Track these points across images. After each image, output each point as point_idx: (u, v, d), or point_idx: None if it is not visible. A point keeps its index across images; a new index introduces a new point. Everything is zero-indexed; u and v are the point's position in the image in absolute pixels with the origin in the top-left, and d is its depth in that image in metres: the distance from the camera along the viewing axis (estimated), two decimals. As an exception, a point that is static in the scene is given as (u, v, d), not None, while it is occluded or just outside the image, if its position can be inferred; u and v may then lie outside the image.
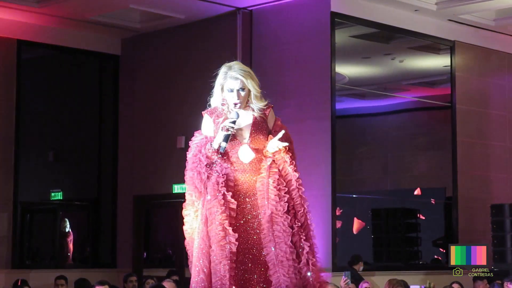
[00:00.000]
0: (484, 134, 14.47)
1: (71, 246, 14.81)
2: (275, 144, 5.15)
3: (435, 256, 14.58)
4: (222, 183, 5.09)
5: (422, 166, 15.08)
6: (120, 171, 14.76)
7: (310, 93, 12.56)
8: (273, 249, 5.02)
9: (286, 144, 5.18)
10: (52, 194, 14.86)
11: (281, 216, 5.05)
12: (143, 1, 12.93)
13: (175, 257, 14.30)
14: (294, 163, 5.22)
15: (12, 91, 13.82)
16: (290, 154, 5.23)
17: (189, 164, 5.22)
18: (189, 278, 5.20)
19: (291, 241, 5.06)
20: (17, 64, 13.87)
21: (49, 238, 14.93)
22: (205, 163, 5.14)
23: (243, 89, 5.18)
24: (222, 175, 5.11)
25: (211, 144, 5.14)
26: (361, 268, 12.57)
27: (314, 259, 5.09)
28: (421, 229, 14.54)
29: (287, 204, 5.09)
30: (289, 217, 5.08)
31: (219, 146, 5.10)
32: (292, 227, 5.08)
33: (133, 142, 14.56)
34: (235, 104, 5.18)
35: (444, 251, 14.05)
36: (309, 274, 5.05)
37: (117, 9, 13.35)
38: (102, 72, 15.17)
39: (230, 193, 5.09)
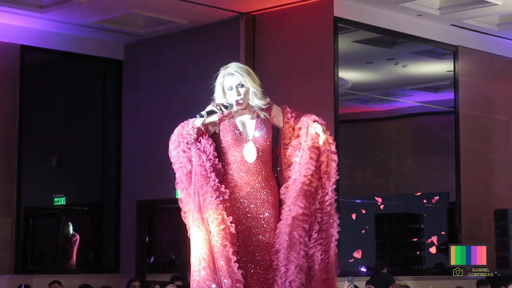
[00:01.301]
0: (487, 139, 14.46)
1: (74, 251, 14.81)
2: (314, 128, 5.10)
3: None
4: (210, 167, 5.04)
5: (425, 171, 15.07)
6: (123, 176, 14.77)
7: (313, 98, 12.56)
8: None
9: (322, 128, 5.11)
10: (55, 199, 14.86)
11: (302, 221, 4.98)
12: (146, 6, 12.94)
13: (178, 262, 14.30)
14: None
15: (16, 96, 13.84)
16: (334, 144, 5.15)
17: (171, 144, 5.23)
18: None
19: (306, 253, 5.00)
20: (20, 69, 13.89)
21: (52, 243, 14.93)
22: (186, 141, 5.11)
23: (242, 86, 5.14)
24: (209, 159, 5.06)
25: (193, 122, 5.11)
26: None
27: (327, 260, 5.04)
28: (424, 234, 14.54)
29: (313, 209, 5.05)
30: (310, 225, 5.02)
31: (199, 118, 5.03)
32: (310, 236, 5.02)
33: (136, 146, 14.56)
34: (237, 101, 5.14)
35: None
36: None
37: (120, 14, 13.36)
38: (105, 77, 15.18)
39: (218, 179, 5.01)
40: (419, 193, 14.83)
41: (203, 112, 5.04)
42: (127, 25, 13.87)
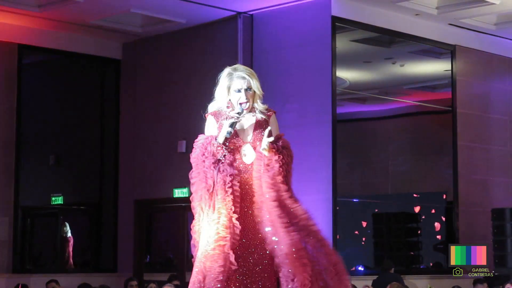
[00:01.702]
0: (484, 138, 14.48)
1: (72, 250, 14.80)
2: (265, 142, 5.11)
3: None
4: (229, 182, 5.05)
5: (423, 170, 15.07)
6: (121, 175, 14.77)
7: (311, 98, 12.57)
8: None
9: (271, 139, 5.13)
10: (53, 198, 14.85)
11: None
12: (144, 5, 12.95)
13: (176, 262, 14.30)
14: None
15: (13, 95, 13.83)
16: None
17: (195, 165, 5.13)
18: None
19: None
20: (18, 68, 13.88)
21: (50, 243, 14.92)
22: (212, 161, 5.09)
23: (250, 89, 5.19)
24: (230, 174, 5.06)
25: (216, 139, 5.11)
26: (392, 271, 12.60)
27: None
28: (422, 234, 14.54)
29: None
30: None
31: (225, 137, 5.05)
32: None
33: (134, 146, 14.57)
34: (242, 103, 5.17)
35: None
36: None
37: (118, 14, 13.36)
38: (103, 76, 15.17)
39: (233, 195, 5.04)
40: (417, 206, 14.83)
41: (229, 129, 5.06)
42: (125, 24, 13.87)
